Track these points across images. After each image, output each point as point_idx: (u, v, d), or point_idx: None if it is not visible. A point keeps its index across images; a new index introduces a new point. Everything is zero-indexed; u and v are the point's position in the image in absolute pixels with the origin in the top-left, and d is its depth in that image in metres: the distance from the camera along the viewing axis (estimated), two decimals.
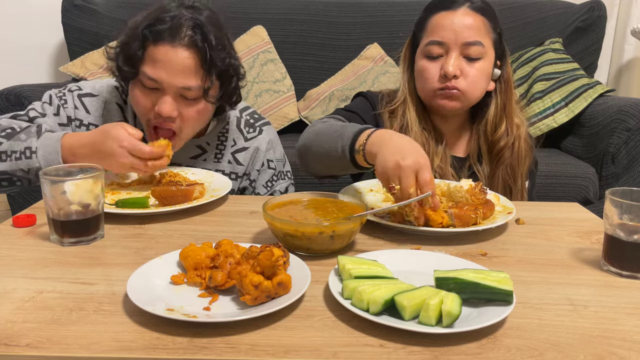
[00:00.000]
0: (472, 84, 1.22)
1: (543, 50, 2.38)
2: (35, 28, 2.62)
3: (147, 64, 1.16)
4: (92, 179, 0.88)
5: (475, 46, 1.20)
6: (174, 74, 1.14)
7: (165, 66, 1.14)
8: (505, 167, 1.28)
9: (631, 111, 1.94)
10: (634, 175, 1.95)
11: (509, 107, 1.28)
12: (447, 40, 1.20)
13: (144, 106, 1.19)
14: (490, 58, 1.24)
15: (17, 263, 0.81)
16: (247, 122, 1.39)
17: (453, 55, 1.20)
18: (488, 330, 0.64)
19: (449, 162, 1.28)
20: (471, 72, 1.21)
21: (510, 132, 1.28)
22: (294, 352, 0.59)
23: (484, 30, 1.21)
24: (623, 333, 0.65)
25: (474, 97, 1.25)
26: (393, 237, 0.95)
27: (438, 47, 1.22)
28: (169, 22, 1.15)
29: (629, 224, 0.79)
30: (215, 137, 1.35)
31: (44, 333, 0.62)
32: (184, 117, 1.19)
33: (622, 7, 2.72)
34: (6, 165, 1.13)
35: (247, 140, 1.37)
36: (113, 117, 1.30)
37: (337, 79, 2.41)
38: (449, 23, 1.20)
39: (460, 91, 1.21)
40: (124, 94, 1.32)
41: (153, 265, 0.76)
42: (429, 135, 1.28)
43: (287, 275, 0.69)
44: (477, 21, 1.21)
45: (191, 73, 1.15)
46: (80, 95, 1.30)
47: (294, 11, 2.50)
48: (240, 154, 1.36)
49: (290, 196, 0.97)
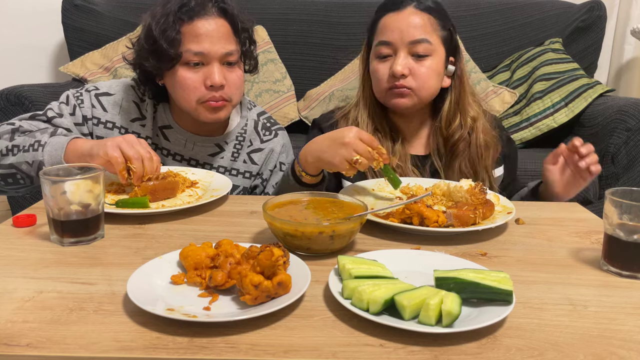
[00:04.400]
0: (422, 81, 1.24)
1: (543, 50, 2.37)
2: (35, 28, 2.62)
3: (188, 42, 1.21)
4: (92, 179, 0.88)
5: (422, 44, 1.23)
6: (216, 42, 1.22)
7: (207, 38, 1.21)
8: (463, 160, 1.30)
9: (631, 111, 1.94)
10: (634, 175, 1.95)
11: (462, 101, 1.31)
12: (393, 40, 1.24)
13: (193, 85, 1.23)
14: (440, 55, 1.26)
15: (17, 263, 0.81)
16: (264, 125, 1.45)
17: (401, 54, 1.24)
18: (488, 330, 0.64)
19: (409, 160, 1.31)
20: (420, 70, 1.24)
21: (464, 125, 1.30)
22: (294, 352, 0.59)
23: (430, 28, 1.24)
24: (623, 333, 0.65)
25: (425, 94, 1.27)
26: (393, 237, 0.95)
27: (386, 48, 1.26)
28: (193, 0, 1.22)
29: (628, 224, 0.79)
30: (233, 138, 1.39)
31: (44, 333, 0.62)
32: (230, 84, 1.25)
33: (622, 7, 2.72)
34: (14, 158, 1.16)
35: (263, 142, 1.42)
36: (130, 114, 1.33)
37: (337, 79, 2.41)
38: (396, 23, 1.25)
39: (411, 89, 1.25)
40: (140, 92, 1.35)
41: (153, 265, 0.76)
42: (384, 135, 1.31)
43: (287, 275, 0.69)
44: (423, 20, 1.24)
45: (229, 38, 1.25)
46: (97, 94, 1.33)
47: (294, 11, 2.50)
48: (256, 154, 1.41)
49: (290, 196, 0.97)
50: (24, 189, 1.21)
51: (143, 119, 1.33)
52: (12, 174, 1.17)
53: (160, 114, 1.35)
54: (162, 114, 1.35)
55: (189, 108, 1.26)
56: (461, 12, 2.48)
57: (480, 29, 2.47)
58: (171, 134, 1.35)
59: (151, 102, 1.34)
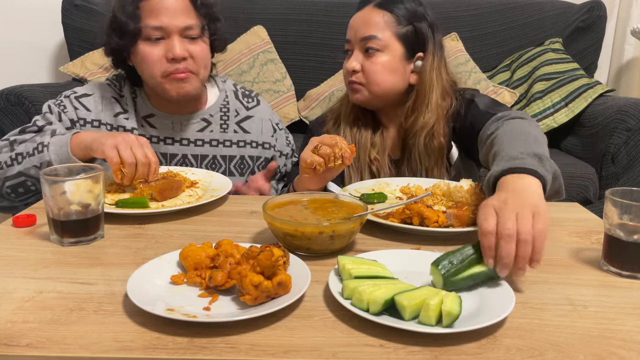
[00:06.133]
0: (371, 76, 1.27)
1: (543, 50, 2.37)
2: (35, 28, 2.62)
3: (147, 17, 1.24)
4: (92, 179, 0.88)
5: (372, 40, 1.26)
6: (175, 15, 1.24)
7: (165, 11, 1.23)
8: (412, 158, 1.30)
9: (631, 111, 1.94)
10: (634, 175, 1.95)
11: (423, 97, 1.28)
12: (350, 37, 1.30)
13: (155, 59, 1.25)
14: (394, 51, 1.27)
15: (17, 263, 0.81)
16: (243, 93, 1.49)
17: (355, 51, 1.29)
18: (488, 330, 0.64)
19: (387, 154, 1.34)
20: (370, 66, 1.27)
21: (419, 123, 1.27)
22: (294, 352, 0.59)
23: (384, 25, 1.26)
24: (623, 333, 0.65)
25: (377, 89, 1.28)
26: (393, 237, 0.95)
27: (347, 44, 1.32)
28: None
29: (629, 224, 0.79)
30: (218, 109, 1.42)
31: (44, 333, 0.62)
32: (194, 56, 1.27)
33: (622, 7, 2.72)
34: (21, 166, 1.18)
35: (249, 109, 1.46)
36: (113, 109, 1.34)
37: (337, 79, 2.41)
38: (354, 21, 1.31)
39: (361, 84, 1.28)
40: (117, 88, 1.37)
41: (153, 265, 0.76)
42: (364, 125, 1.35)
43: (287, 275, 0.69)
44: (377, 17, 1.27)
45: (189, 12, 1.26)
46: (77, 97, 1.34)
47: (294, 11, 2.50)
48: (245, 122, 1.44)
49: (290, 196, 0.97)
50: (35, 196, 1.22)
51: (125, 112, 1.35)
52: (22, 182, 1.19)
53: (140, 105, 1.36)
54: (142, 104, 1.36)
55: (155, 83, 1.28)
56: (461, 12, 2.48)
57: (480, 29, 2.47)
58: (156, 121, 1.36)
59: (130, 96, 1.36)
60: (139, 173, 1.08)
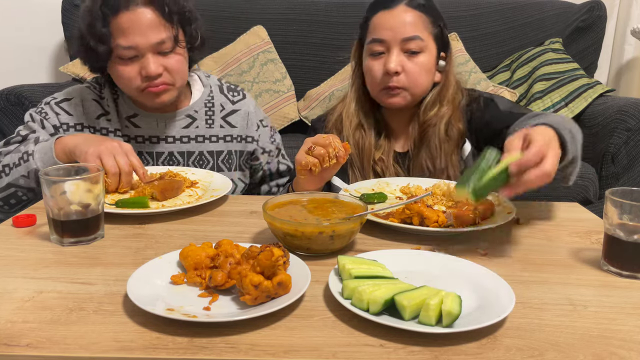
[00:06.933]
0: (414, 78, 1.26)
1: (543, 50, 2.37)
2: (35, 28, 2.62)
3: (117, 36, 1.20)
4: (92, 179, 0.88)
5: (414, 41, 1.25)
6: (145, 33, 1.20)
7: (135, 30, 1.19)
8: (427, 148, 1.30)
9: (631, 111, 1.94)
10: (634, 175, 1.95)
11: (445, 92, 1.30)
12: (387, 37, 1.25)
13: (130, 77, 1.23)
14: (432, 51, 1.28)
15: (17, 263, 0.81)
16: (229, 87, 1.47)
17: (394, 52, 1.25)
18: (488, 330, 0.64)
19: (392, 156, 1.33)
20: (412, 67, 1.26)
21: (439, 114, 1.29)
22: (294, 352, 0.59)
23: (422, 25, 1.26)
24: (623, 333, 0.65)
25: (418, 91, 1.28)
26: (393, 237, 0.95)
27: (379, 45, 1.27)
28: None
29: (629, 224, 0.79)
30: (202, 104, 1.40)
31: (44, 333, 0.62)
32: (170, 69, 1.25)
33: (622, 7, 2.72)
34: (9, 177, 1.18)
35: (235, 103, 1.44)
36: (94, 111, 1.33)
37: (337, 79, 2.41)
38: (388, 21, 1.26)
39: (403, 88, 1.26)
40: (97, 90, 1.36)
41: (153, 265, 0.76)
42: (369, 128, 1.33)
43: (287, 275, 0.69)
44: (414, 17, 1.25)
45: (159, 26, 1.22)
46: (57, 102, 1.34)
47: (294, 11, 2.50)
48: (231, 116, 1.42)
49: (290, 196, 0.97)
50: (30, 204, 1.21)
51: (107, 114, 1.34)
52: (13, 193, 1.19)
53: (122, 105, 1.35)
54: (124, 105, 1.35)
55: (132, 95, 1.29)
56: (461, 12, 2.48)
57: (480, 29, 2.47)
58: (139, 120, 1.35)
59: (111, 97, 1.35)
60: (122, 183, 1.09)
